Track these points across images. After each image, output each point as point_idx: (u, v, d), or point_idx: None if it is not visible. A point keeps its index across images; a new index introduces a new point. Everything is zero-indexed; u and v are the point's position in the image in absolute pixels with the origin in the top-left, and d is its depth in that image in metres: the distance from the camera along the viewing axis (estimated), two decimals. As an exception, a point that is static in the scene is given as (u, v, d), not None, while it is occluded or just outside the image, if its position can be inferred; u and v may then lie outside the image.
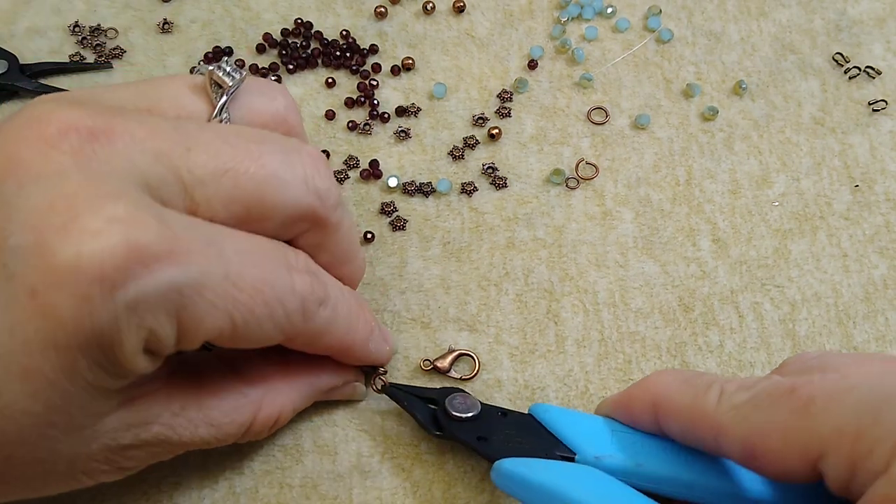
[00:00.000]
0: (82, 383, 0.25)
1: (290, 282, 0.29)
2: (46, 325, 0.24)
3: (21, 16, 0.46)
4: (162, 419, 0.29)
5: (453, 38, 0.46)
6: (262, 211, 0.29)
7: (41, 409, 0.25)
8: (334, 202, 0.31)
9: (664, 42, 0.46)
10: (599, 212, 0.42)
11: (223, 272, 0.26)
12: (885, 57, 0.46)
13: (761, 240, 0.41)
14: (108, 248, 0.23)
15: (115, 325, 0.24)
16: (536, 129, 0.44)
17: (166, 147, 0.27)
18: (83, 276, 0.23)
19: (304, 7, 0.47)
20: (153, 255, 0.24)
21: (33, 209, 0.24)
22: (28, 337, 0.24)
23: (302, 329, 0.30)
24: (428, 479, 0.35)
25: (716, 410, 0.28)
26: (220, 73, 0.30)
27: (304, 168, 0.29)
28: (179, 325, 0.26)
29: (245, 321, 0.27)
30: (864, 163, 0.43)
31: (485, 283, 0.40)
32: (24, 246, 0.24)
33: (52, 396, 0.25)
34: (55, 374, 0.24)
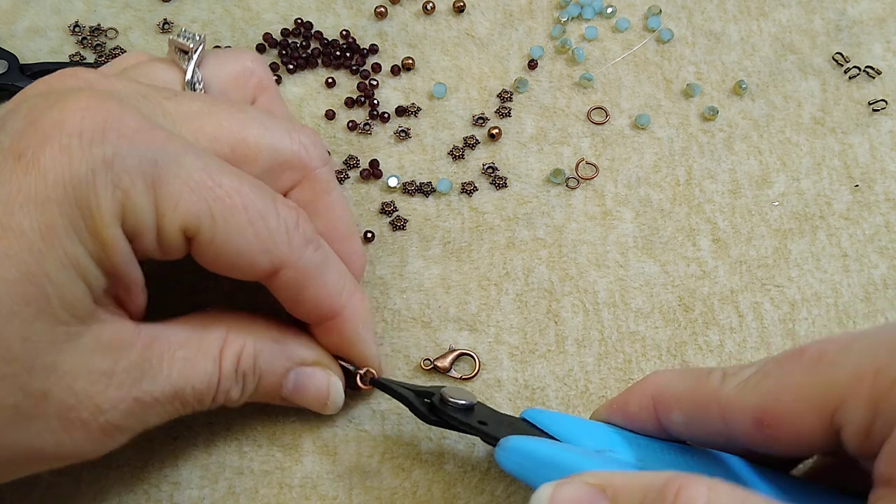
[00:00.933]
0: (59, 252, 0.26)
1: (273, 206, 0.29)
2: (27, 180, 0.25)
3: (21, 16, 0.46)
4: (137, 346, 0.29)
5: (453, 38, 0.46)
6: (246, 151, 0.30)
7: (16, 275, 0.25)
8: (320, 154, 0.32)
9: (664, 42, 0.46)
10: (599, 212, 0.42)
11: (201, 164, 0.28)
12: (885, 57, 0.46)
13: (761, 240, 0.41)
14: (88, 109, 0.26)
15: (92, 179, 0.26)
16: (536, 129, 0.44)
17: (152, 93, 0.30)
18: (64, 130, 0.26)
19: (304, 7, 0.47)
20: (131, 129, 0.27)
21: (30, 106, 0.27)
22: (11, 194, 0.25)
23: (287, 257, 0.30)
24: (428, 480, 0.35)
25: (720, 389, 0.28)
26: (181, 38, 0.32)
27: (286, 124, 0.31)
28: (157, 198, 0.27)
29: (224, 218, 0.28)
30: (864, 163, 0.43)
31: (485, 283, 0.40)
32: (18, 126, 0.27)
33: (28, 260, 0.25)
34: (33, 232, 0.25)
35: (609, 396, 0.37)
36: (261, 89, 0.34)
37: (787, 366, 0.26)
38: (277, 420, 0.36)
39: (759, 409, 0.26)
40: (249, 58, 0.34)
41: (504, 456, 0.30)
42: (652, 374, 0.31)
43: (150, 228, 0.27)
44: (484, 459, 0.36)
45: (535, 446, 0.29)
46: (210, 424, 0.36)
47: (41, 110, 0.27)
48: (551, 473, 0.27)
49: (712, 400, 0.28)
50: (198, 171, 0.28)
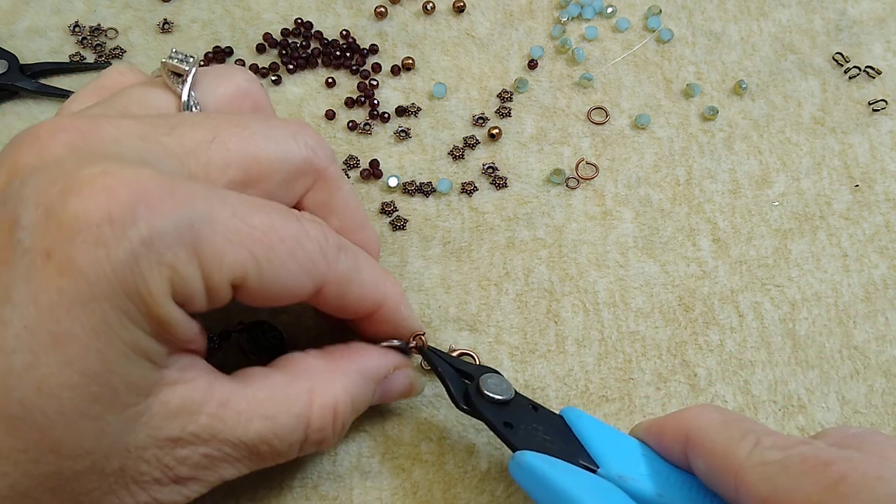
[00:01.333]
0: (118, 344, 0.25)
1: (300, 226, 0.28)
2: (67, 283, 0.24)
3: (21, 16, 0.46)
4: (208, 408, 0.28)
5: (453, 38, 0.46)
6: (259, 169, 0.29)
7: (79, 379, 0.24)
8: (328, 154, 0.31)
9: (664, 42, 0.46)
10: (599, 212, 0.42)
11: (230, 211, 0.26)
12: (885, 57, 0.46)
13: (761, 239, 0.41)
14: (110, 188, 0.24)
15: (135, 264, 0.24)
16: (536, 128, 0.44)
17: (150, 131, 0.28)
18: (92, 220, 0.24)
19: (304, 7, 0.47)
20: (157, 196, 0.25)
21: (37, 189, 0.25)
22: (52, 301, 0.24)
23: (327, 273, 0.29)
24: (428, 480, 0.35)
25: (744, 461, 0.27)
26: (174, 61, 0.31)
27: (290, 127, 0.30)
28: (201, 262, 0.26)
29: (268, 258, 0.27)
30: (864, 163, 0.43)
31: (485, 283, 0.40)
32: (34, 220, 0.24)
33: (88, 362, 0.24)
34: (86, 334, 0.24)
35: (609, 396, 0.37)
36: (256, 109, 0.33)
37: (808, 474, 0.25)
38: (277, 420, 0.36)
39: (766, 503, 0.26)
40: (243, 77, 0.33)
41: (516, 470, 0.30)
42: (696, 407, 0.31)
43: (200, 291, 0.26)
44: (484, 460, 0.36)
45: (546, 469, 0.29)
46: (210, 424, 0.36)
47: (54, 198, 0.24)
48: (555, 501, 0.28)
49: (732, 468, 0.27)
50: (231, 220, 0.26)
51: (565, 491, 0.28)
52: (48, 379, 0.24)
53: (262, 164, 0.29)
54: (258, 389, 0.30)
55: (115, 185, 0.24)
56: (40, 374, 0.24)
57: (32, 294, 0.24)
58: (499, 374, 0.34)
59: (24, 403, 0.24)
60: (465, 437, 0.36)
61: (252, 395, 0.29)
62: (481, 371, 0.34)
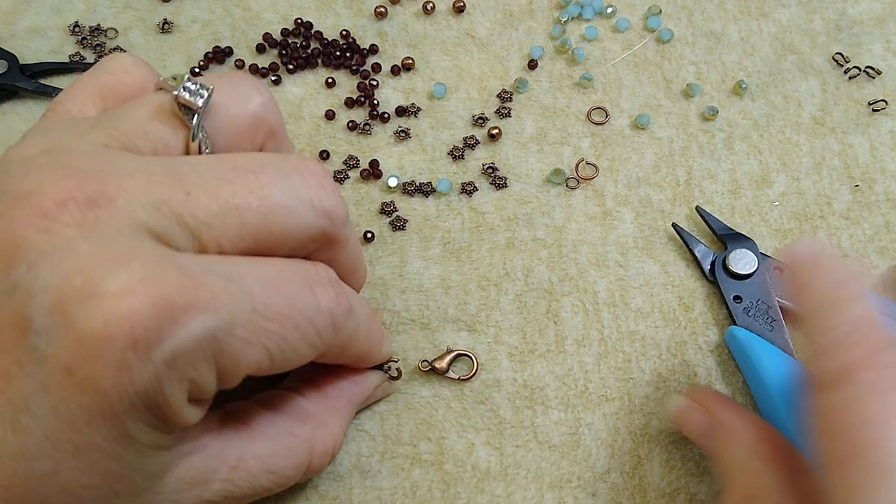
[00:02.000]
0: (136, 446, 0.25)
1: (315, 301, 0.28)
2: (88, 400, 0.23)
3: (21, 16, 0.46)
4: (220, 474, 0.29)
5: (453, 38, 0.46)
6: (271, 242, 0.28)
7: (100, 481, 0.25)
8: (343, 219, 0.30)
9: (664, 42, 0.46)
10: (599, 212, 0.42)
11: (250, 306, 0.26)
12: (885, 57, 0.46)
13: (761, 240, 0.41)
14: (134, 310, 0.23)
15: (158, 385, 0.24)
16: (536, 129, 0.44)
17: (165, 195, 0.26)
18: (116, 344, 0.23)
19: (304, 7, 0.47)
20: (180, 308, 0.24)
21: (50, 288, 0.23)
22: (73, 414, 0.23)
23: (333, 342, 0.29)
24: (427, 480, 0.35)
25: None
26: (188, 94, 0.28)
27: (309, 190, 0.28)
28: (219, 369, 0.25)
29: (281, 349, 0.27)
30: (864, 163, 0.43)
31: (484, 283, 0.40)
32: (49, 326, 0.23)
33: (109, 466, 0.25)
34: (108, 443, 0.24)
35: (609, 396, 0.37)
36: (270, 136, 0.31)
37: None
38: (277, 420, 0.36)
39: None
40: (258, 101, 0.30)
41: (728, 340, 0.38)
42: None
43: (213, 390, 0.26)
44: (484, 459, 0.36)
45: (747, 348, 0.36)
46: (210, 424, 0.36)
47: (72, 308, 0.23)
48: (752, 375, 0.36)
49: None
50: (250, 316, 0.26)
51: (757, 367, 0.35)
52: (70, 483, 0.24)
53: (276, 238, 0.28)
54: (264, 443, 0.30)
55: (139, 305, 0.23)
56: (63, 479, 0.24)
57: (52, 406, 0.23)
58: (750, 248, 0.39)
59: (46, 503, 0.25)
60: (464, 436, 0.36)
61: (258, 450, 0.30)
62: (736, 238, 0.40)
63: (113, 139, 0.27)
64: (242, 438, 0.30)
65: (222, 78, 0.30)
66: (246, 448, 0.30)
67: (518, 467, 0.35)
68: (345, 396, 0.34)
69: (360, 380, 0.35)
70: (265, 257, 0.27)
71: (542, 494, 0.35)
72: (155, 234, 0.25)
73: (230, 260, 0.26)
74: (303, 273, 0.28)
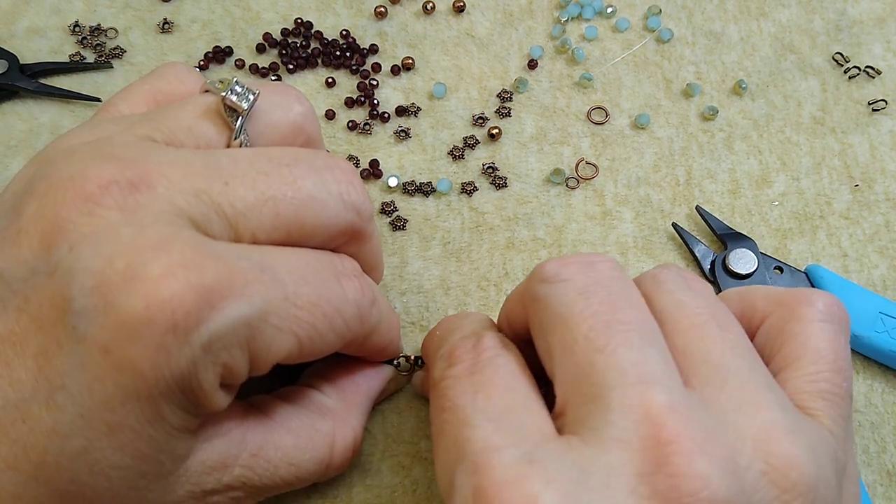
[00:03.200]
0: (167, 428, 0.25)
1: (342, 291, 0.29)
2: (125, 380, 0.24)
3: (21, 16, 0.46)
4: (241, 460, 0.29)
5: (453, 38, 0.46)
6: (302, 233, 0.28)
7: (130, 461, 0.25)
8: (369, 214, 0.30)
9: (664, 42, 0.46)
10: (599, 212, 0.42)
11: (282, 294, 0.26)
12: (885, 57, 0.46)
13: (761, 240, 0.41)
14: (175, 295, 0.23)
15: (194, 369, 0.24)
16: (536, 128, 0.44)
17: (204, 184, 0.26)
18: (156, 328, 0.23)
19: (304, 7, 0.47)
20: (218, 294, 0.24)
21: (92, 270, 0.24)
22: (108, 393, 0.24)
23: (359, 332, 0.30)
24: (428, 478, 0.35)
25: None
26: (234, 97, 0.29)
27: (339, 185, 0.29)
28: (251, 355, 0.26)
29: (310, 337, 0.27)
30: (863, 162, 0.43)
31: (485, 284, 0.40)
32: (90, 307, 0.23)
33: (139, 446, 0.25)
34: (140, 424, 0.25)
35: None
36: (307, 144, 0.32)
37: None
38: (277, 420, 0.36)
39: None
40: (300, 111, 0.31)
41: None
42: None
43: (244, 376, 0.27)
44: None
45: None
46: (210, 424, 0.36)
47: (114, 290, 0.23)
48: None
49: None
50: (283, 304, 0.26)
51: None
52: (101, 462, 0.25)
53: (307, 230, 0.28)
54: (284, 434, 0.30)
55: (179, 290, 0.23)
56: (93, 458, 0.25)
57: (87, 384, 0.24)
58: (750, 247, 0.39)
59: (75, 481, 0.25)
60: (464, 436, 0.36)
61: (279, 441, 0.30)
62: (735, 238, 0.39)
63: (157, 132, 0.28)
64: (264, 428, 0.30)
65: (268, 86, 0.31)
66: (267, 438, 0.30)
67: (518, 467, 0.35)
68: (361, 391, 0.34)
69: (374, 374, 0.35)
70: (295, 248, 0.28)
71: (542, 494, 0.35)
72: (194, 222, 0.26)
73: (263, 249, 0.27)
74: (330, 264, 0.29)
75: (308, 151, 0.30)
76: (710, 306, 0.29)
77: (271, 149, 0.29)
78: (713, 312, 0.29)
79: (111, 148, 0.27)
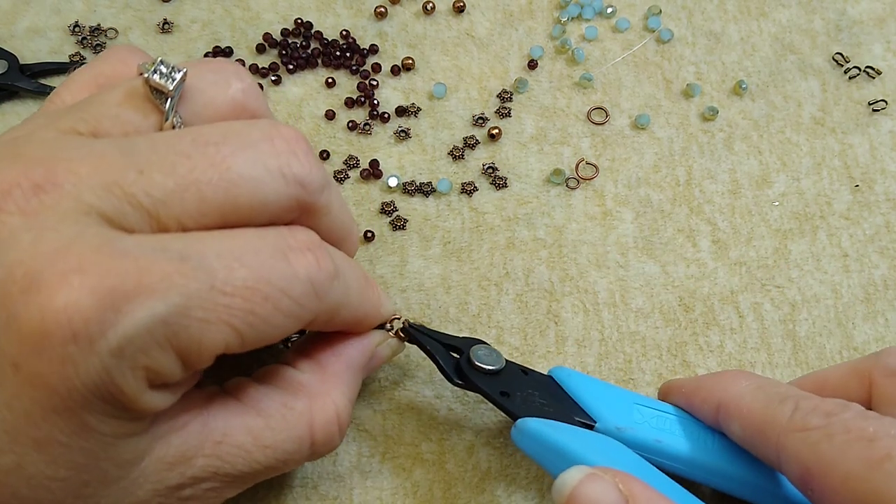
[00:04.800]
0: (98, 437, 0.24)
1: (289, 269, 0.26)
2: (39, 395, 0.23)
3: (21, 16, 0.46)
4: (204, 451, 0.27)
5: (453, 38, 0.46)
6: (239, 215, 0.26)
7: (67, 473, 0.24)
8: (319, 184, 0.28)
9: (664, 42, 0.46)
10: (599, 212, 0.42)
11: (207, 285, 0.24)
12: (885, 57, 0.46)
13: (761, 240, 0.41)
14: (71, 302, 0.22)
15: (107, 376, 0.23)
16: (536, 129, 0.44)
17: (116, 176, 0.25)
18: (55, 339, 0.22)
19: (304, 7, 0.47)
20: (124, 295, 0.23)
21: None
22: (27, 408, 0.23)
23: (318, 309, 0.28)
24: (428, 480, 0.35)
25: (786, 426, 0.27)
26: (158, 77, 0.27)
27: (278, 158, 0.27)
28: (178, 353, 0.24)
29: (249, 324, 0.25)
30: (864, 163, 0.43)
31: (485, 283, 0.40)
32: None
33: (73, 458, 0.24)
34: (67, 437, 0.24)
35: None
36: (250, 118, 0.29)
37: (852, 447, 0.26)
38: (278, 420, 0.36)
39: (809, 471, 0.26)
40: (239, 86, 0.29)
41: (519, 437, 0.31)
42: (728, 375, 0.31)
43: (179, 374, 0.25)
44: (484, 459, 0.36)
45: (549, 433, 0.30)
46: (210, 425, 0.36)
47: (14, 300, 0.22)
48: (560, 462, 0.29)
49: (773, 432, 0.28)
50: (209, 294, 0.24)
51: (569, 451, 0.29)
52: (36, 476, 0.24)
53: (243, 211, 0.26)
54: (255, 417, 0.29)
55: (75, 297, 0.22)
56: (28, 472, 0.24)
57: (6, 401, 0.23)
58: (486, 345, 0.34)
59: (17, 496, 0.24)
60: (465, 436, 0.36)
61: (249, 424, 0.29)
62: (468, 343, 0.34)
63: (82, 123, 0.27)
64: (230, 413, 0.29)
65: (201, 63, 0.29)
66: (232, 422, 0.28)
67: (519, 467, 0.35)
68: (342, 362, 0.32)
69: (356, 342, 0.33)
70: (232, 229, 0.26)
71: (542, 494, 0.35)
72: (105, 217, 0.24)
73: (190, 237, 0.25)
74: (275, 241, 0.27)
75: (242, 124, 0.27)
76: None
77: (198, 127, 0.27)
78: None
79: (23, 147, 0.25)
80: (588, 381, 0.33)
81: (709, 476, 0.32)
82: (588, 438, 0.31)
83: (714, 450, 0.32)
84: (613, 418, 0.32)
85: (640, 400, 0.33)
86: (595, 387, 0.33)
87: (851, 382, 0.30)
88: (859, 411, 0.27)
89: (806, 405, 0.28)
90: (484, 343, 0.34)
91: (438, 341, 0.34)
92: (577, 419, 0.32)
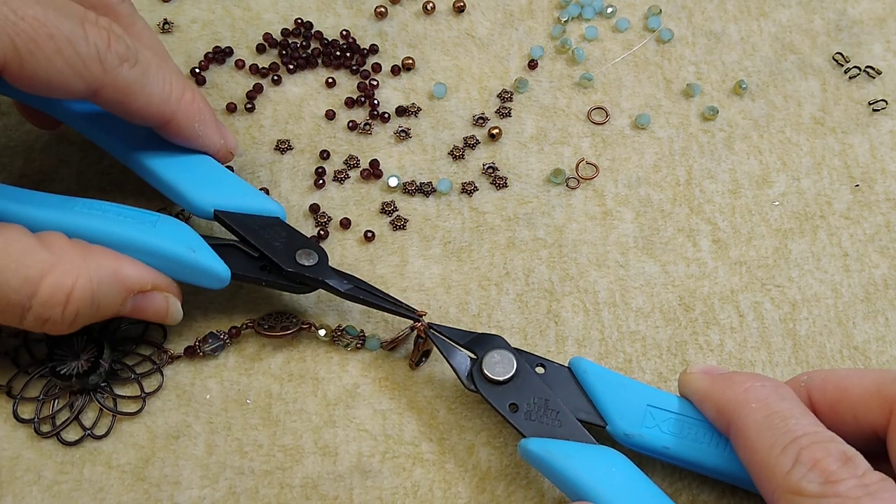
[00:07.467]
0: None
1: (80, 30, 0.30)
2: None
3: (21, 16, 0.46)
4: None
5: (453, 38, 0.46)
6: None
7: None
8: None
9: (664, 42, 0.46)
10: (600, 212, 0.42)
11: (3, 3, 0.28)
12: (885, 57, 0.46)
13: (761, 240, 0.41)
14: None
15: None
16: (536, 128, 0.44)
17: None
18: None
19: (304, 7, 0.47)
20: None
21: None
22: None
23: (103, 79, 0.31)
24: (428, 479, 0.35)
25: (781, 483, 0.27)
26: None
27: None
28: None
29: (30, 51, 0.29)
30: (864, 162, 0.43)
31: (485, 283, 0.40)
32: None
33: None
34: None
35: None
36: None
37: None
38: (278, 420, 0.36)
39: None
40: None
41: (524, 455, 0.33)
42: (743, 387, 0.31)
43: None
44: (484, 459, 0.36)
45: (552, 459, 0.32)
46: (211, 424, 0.36)
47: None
48: (559, 481, 0.32)
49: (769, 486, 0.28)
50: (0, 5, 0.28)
51: (569, 476, 0.31)
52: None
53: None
54: (4, 241, 0.30)
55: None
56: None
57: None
58: (502, 342, 0.35)
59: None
60: (465, 436, 0.36)
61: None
62: (484, 343, 0.35)
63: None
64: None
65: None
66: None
67: (519, 467, 0.35)
68: (110, 259, 0.33)
69: (141, 268, 0.34)
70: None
71: (542, 494, 0.35)
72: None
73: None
74: (77, 10, 0.31)
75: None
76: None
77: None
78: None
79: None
80: (605, 376, 0.34)
81: (717, 476, 0.33)
82: (590, 459, 0.32)
83: (724, 456, 0.32)
84: (623, 424, 0.33)
85: (654, 401, 0.33)
86: (611, 383, 0.34)
87: (873, 404, 0.30)
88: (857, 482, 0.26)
89: (807, 458, 0.27)
90: (500, 340, 0.35)
91: (457, 342, 0.35)
92: (586, 421, 0.33)
